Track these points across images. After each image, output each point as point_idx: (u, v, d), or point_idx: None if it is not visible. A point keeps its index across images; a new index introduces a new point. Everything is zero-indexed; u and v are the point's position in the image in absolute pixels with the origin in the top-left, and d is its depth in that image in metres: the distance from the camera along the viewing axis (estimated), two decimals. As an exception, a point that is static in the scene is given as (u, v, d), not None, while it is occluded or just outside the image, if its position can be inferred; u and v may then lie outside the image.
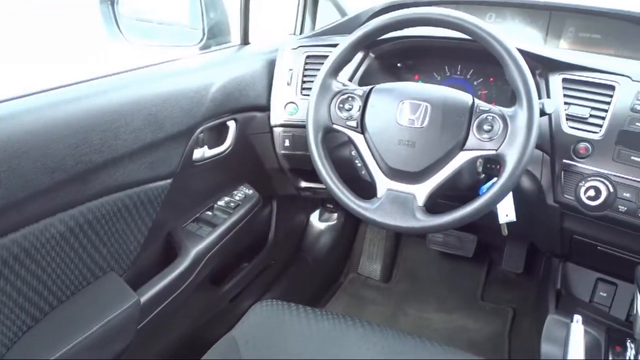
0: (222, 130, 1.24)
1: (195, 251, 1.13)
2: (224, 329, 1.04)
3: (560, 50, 1.29)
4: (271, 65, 1.32)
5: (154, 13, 1.34)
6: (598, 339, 1.10)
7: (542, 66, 1.05)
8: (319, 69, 1.01)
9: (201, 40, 1.27)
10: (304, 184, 1.46)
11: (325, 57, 1.02)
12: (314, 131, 0.99)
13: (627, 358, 1.04)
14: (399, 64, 1.30)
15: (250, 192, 1.35)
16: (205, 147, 1.19)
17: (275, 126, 1.30)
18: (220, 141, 1.24)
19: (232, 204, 1.29)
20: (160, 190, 1.06)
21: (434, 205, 0.96)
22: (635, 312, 0.97)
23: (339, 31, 1.36)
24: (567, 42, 1.32)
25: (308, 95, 1.03)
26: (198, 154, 1.16)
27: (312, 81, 1.04)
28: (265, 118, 1.31)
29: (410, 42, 1.19)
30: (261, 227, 1.57)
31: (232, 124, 1.24)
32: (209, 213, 1.26)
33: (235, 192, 1.33)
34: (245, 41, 1.38)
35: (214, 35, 1.32)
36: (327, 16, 1.54)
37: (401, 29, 0.98)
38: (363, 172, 1.15)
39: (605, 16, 1.24)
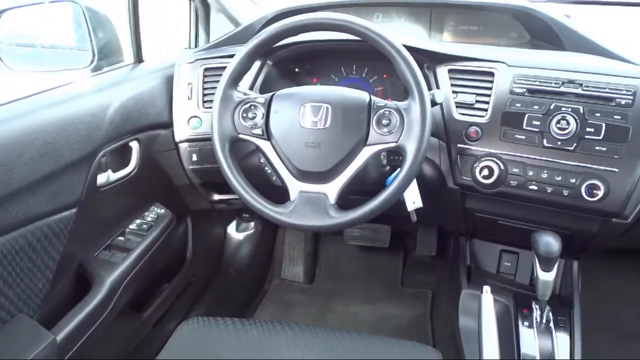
0: (125, 151, 1.20)
1: (111, 280, 1.09)
2: (151, 355, 1.02)
3: (444, 43, 1.38)
4: (169, 81, 1.30)
5: (36, 37, 1.28)
6: (507, 305, 1.20)
7: (429, 59, 1.13)
8: (218, 81, 1.02)
9: (92, 61, 1.22)
10: (217, 197, 1.45)
11: (223, 68, 1.02)
12: (220, 143, 1.00)
13: (534, 318, 1.14)
14: (297, 69, 1.33)
15: (162, 211, 1.32)
16: (109, 171, 1.15)
17: (181, 142, 1.28)
18: (125, 163, 1.20)
19: (144, 226, 1.25)
20: (66, 221, 1.01)
21: (346, 201, 0.99)
22: (535, 276, 1.07)
23: (235, 41, 1.36)
24: (449, 35, 1.42)
25: (210, 108, 1.03)
26: (102, 178, 1.12)
27: (213, 93, 1.04)
28: (169, 135, 1.28)
29: (305, 47, 1.22)
30: (178, 246, 1.54)
31: (135, 145, 1.21)
32: (121, 238, 1.22)
33: (146, 214, 1.30)
34: (139, 59, 1.34)
35: (105, 55, 1.28)
36: (220, 28, 1.54)
37: (295, 35, 1.01)
38: (274, 177, 1.17)
39: (478, 9, 1.35)
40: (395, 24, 1.44)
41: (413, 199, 1.07)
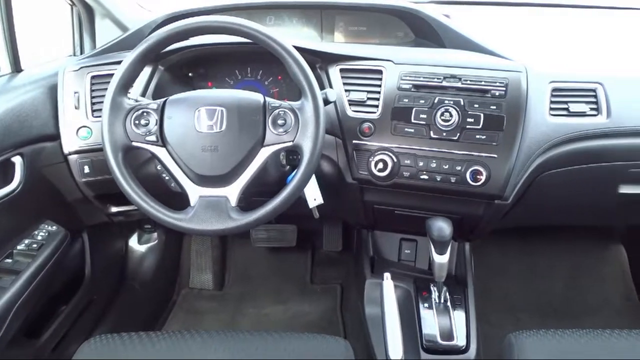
0: (7, 168, 1.12)
1: None
2: None
3: (336, 44, 1.43)
4: (53, 91, 1.22)
5: None
6: (408, 290, 1.27)
7: (321, 60, 1.16)
8: (107, 89, 0.98)
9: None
10: (114, 209, 1.39)
11: (112, 75, 0.99)
12: (112, 152, 0.96)
13: (433, 299, 1.21)
14: (190, 74, 1.31)
15: (54, 228, 1.24)
16: (-10, 189, 1.07)
17: (70, 154, 1.21)
18: (7, 180, 1.12)
19: (34, 245, 1.17)
20: None
21: (250, 203, 1.00)
22: (431, 259, 1.14)
23: (123, 47, 1.32)
24: (340, 35, 1.47)
25: (100, 117, 0.99)
26: (-19, 198, 1.04)
27: (102, 102, 1.00)
28: (57, 147, 1.21)
29: (197, 51, 1.21)
30: (74, 264, 1.46)
31: (17, 160, 1.12)
32: (9, 260, 1.13)
33: (36, 232, 1.22)
34: (16, 68, 1.25)
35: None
36: (107, 33, 1.47)
37: (185, 39, 1.00)
38: (172, 184, 1.15)
39: (366, 10, 1.41)
40: (287, 27, 1.47)
41: (314, 196, 1.10)
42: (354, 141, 1.12)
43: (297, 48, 0.96)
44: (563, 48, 1.34)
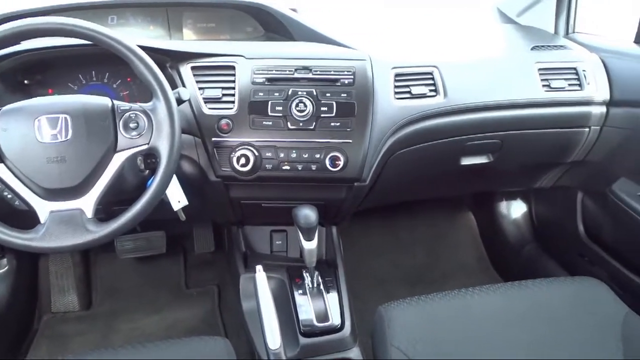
0: None
1: None
2: None
3: (185, 41, 1.40)
4: None
5: None
6: (282, 280, 1.29)
7: (170, 59, 1.13)
8: None
9: None
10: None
11: None
12: None
13: (306, 285, 1.25)
14: (26, 81, 1.20)
15: None
16: None
17: None
18: None
19: None
20: None
21: (110, 214, 0.95)
22: (301, 247, 1.17)
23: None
24: (190, 33, 1.43)
25: None
26: None
27: None
28: None
29: (31, 56, 1.11)
30: None
31: None
32: None
33: None
34: None
35: None
36: None
37: (16, 43, 0.91)
38: (17, 202, 1.05)
39: (212, 7, 1.39)
40: (132, 26, 1.40)
41: (177, 198, 1.07)
42: (213, 139, 1.11)
43: (143, 47, 0.92)
44: (405, 38, 1.44)
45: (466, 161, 1.40)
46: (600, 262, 1.54)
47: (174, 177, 1.00)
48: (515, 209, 1.98)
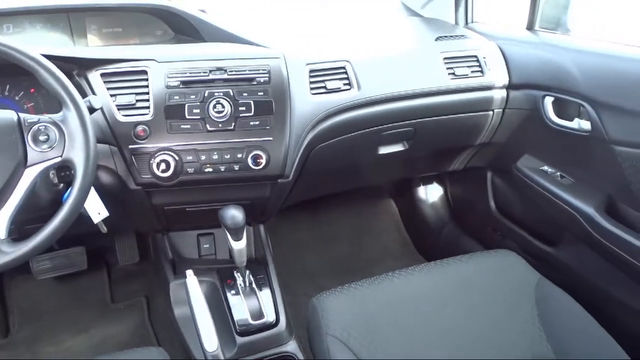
0: None
1: None
2: None
3: (91, 48, 1.34)
4: None
5: None
6: (214, 282, 1.29)
7: (78, 66, 1.09)
8: None
9: None
10: None
11: None
12: None
13: (238, 285, 1.26)
14: None
15: None
16: None
17: None
18: None
19: None
20: None
21: (24, 233, 0.90)
22: (230, 248, 1.17)
23: None
24: (95, 38, 1.38)
25: None
26: None
27: None
28: None
29: None
30: None
31: None
32: None
33: None
34: None
35: None
36: None
37: None
38: None
39: (116, 10, 1.35)
40: (31, 34, 1.32)
41: (97, 210, 1.04)
42: (130, 146, 1.08)
43: (48, 56, 0.88)
44: (318, 35, 1.47)
45: (383, 150, 1.45)
46: (512, 235, 1.66)
47: (92, 189, 0.97)
48: (433, 193, 2.08)
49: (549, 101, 1.35)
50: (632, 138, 1.14)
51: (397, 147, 1.47)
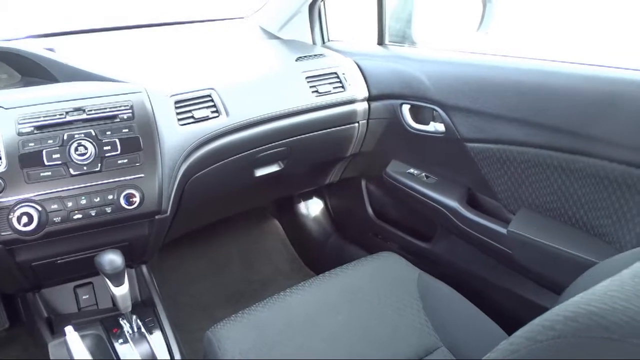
0: None
1: None
2: None
3: None
4: None
5: None
6: (98, 334, 1.20)
7: None
8: None
9: None
10: None
11: None
12: None
13: (126, 332, 1.19)
14: None
15: None
16: None
17: None
18: None
19: None
20: None
21: None
22: (112, 295, 1.11)
23: None
24: None
25: None
26: None
27: None
28: None
29: None
30: None
31: None
32: None
33: None
34: None
35: None
36: None
37: None
38: None
39: None
40: None
41: None
42: None
43: None
44: (179, 63, 1.45)
45: (260, 172, 1.47)
46: (391, 237, 1.76)
47: None
48: (314, 207, 2.14)
49: (406, 109, 1.47)
50: (480, 135, 1.27)
51: (274, 168, 1.50)
